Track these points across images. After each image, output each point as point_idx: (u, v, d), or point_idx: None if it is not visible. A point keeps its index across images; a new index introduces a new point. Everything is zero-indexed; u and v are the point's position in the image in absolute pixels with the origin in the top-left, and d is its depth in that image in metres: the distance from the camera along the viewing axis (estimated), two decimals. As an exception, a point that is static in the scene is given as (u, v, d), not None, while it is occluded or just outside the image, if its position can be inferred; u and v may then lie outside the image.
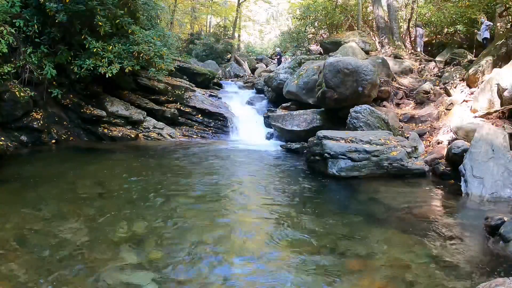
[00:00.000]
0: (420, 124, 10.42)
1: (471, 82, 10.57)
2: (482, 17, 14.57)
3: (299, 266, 3.82)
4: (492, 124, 8.09)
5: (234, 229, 4.83)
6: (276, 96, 14.36)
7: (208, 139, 12.36)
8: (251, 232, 4.73)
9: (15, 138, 9.41)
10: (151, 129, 11.91)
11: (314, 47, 23.33)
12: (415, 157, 7.87)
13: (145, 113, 12.16)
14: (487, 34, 14.02)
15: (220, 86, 17.85)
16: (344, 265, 3.85)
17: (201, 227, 4.79)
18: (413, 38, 17.87)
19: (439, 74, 13.36)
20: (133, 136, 11.23)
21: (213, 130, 12.89)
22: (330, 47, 18.47)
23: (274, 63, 26.41)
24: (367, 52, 16.63)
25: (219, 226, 4.84)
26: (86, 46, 10.12)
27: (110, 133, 11.10)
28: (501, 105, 8.49)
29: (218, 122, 13.12)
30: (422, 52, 16.84)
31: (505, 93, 8.21)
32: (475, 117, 8.82)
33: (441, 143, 8.84)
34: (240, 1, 30.56)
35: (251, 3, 35.61)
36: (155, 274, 3.58)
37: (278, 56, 24.75)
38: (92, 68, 10.06)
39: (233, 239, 4.51)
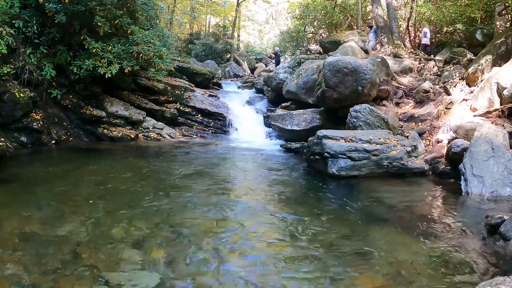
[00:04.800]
0: (419, 123, 10.42)
1: (470, 81, 10.57)
2: (424, 25, 16.74)
3: (298, 265, 3.83)
4: (492, 123, 8.09)
5: (234, 228, 4.83)
6: (275, 96, 14.36)
7: (208, 139, 12.37)
8: (251, 231, 4.72)
9: (15, 139, 9.41)
10: (150, 129, 11.92)
11: (313, 47, 23.31)
12: (415, 156, 7.88)
13: (145, 113, 12.18)
14: (425, 41, 16.10)
15: (219, 86, 17.85)
16: (344, 263, 3.85)
17: (201, 226, 4.79)
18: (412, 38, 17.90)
19: (439, 73, 13.35)
20: (132, 136, 11.23)
21: (212, 130, 12.91)
22: (330, 46, 18.46)
23: (273, 63, 26.39)
24: (366, 52, 16.62)
25: (219, 226, 4.84)
26: (86, 47, 10.13)
27: (110, 134, 11.11)
28: (501, 104, 8.49)
29: (218, 122, 13.14)
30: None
31: (505, 92, 8.21)
32: (475, 116, 8.82)
33: (441, 142, 8.84)
34: (240, 1, 30.53)
35: (250, 3, 35.59)
36: (156, 274, 3.58)
37: (276, 56, 24.66)
38: (91, 69, 10.06)
39: (233, 238, 4.51)
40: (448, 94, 11.02)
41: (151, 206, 5.49)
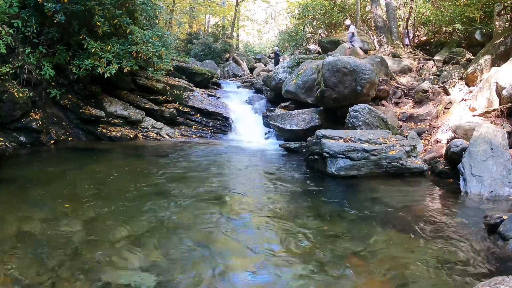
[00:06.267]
0: (419, 123, 10.43)
1: (469, 81, 10.58)
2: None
3: (297, 265, 3.83)
4: (491, 122, 8.10)
5: (233, 228, 4.83)
6: (275, 96, 14.36)
7: (207, 138, 12.37)
8: (250, 232, 4.73)
9: (14, 139, 9.40)
10: (149, 129, 11.91)
11: (312, 47, 23.33)
12: (414, 156, 7.88)
13: (144, 113, 12.17)
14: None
15: (218, 85, 17.84)
16: (343, 264, 3.86)
17: (200, 226, 4.79)
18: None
19: (438, 73, 13.36)
20: (132, 136, 11.22)
21: (212, 129, 12.91)
22: (329, 46, 18.49)
23: (272, 63, 26.38)
24: (365, 51, 16.62)
25: (218, 226, 4.85)
26: (85, 46, 10.12)
27: (109, 133, 11.10)
28: (500, 103, 8.49)
29: (217, 122, 13.14)
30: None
31: (504, 92, 8.22)
32: (474, 115, 8.83)
33: (440, 142, 8.86)
34: (239, 1, 30.52)
35: (249, 3, 35.56)
36: (155, 274, 3.58)
37: (276, 56, 24.61)
38: (90, 68, 10.05)
39: (233, 239, 4.51)
40: (447, 94, 11.03)
41: (151, 206, 5.48)
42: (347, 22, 16.56)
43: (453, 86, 11.14)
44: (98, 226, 4.72)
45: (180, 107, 13.02)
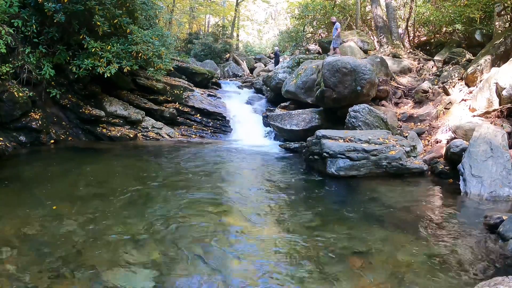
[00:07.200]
0: (418, 123, 10.43)
1: (469, 81, 10.58)
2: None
3: (297, 265, 3.83)
4: (491, 123, 8.10)
5: (233, 229, 4.83)
6: (275, 96, 14.36)
7: (207, 138, 12.37)
8: (249, 232, 4.73)
9: (14, 139, 9.38)
10: (149, 128, 11.91)
11: (312, 47, 23.31)
12: (414, 156, 7.88)
13: (144, 113, 12.17)
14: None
15: (218, 85, 17.84)
16: (343, 264, 3.86)
17: (200, 227, 4.79)
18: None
19: (438, 73, 13.36)
20: (131, 136, 11.22)
21: (211, 129, 12.91)
22: (329, 46, 18.42)
23: (272, 63, 26.37)
24: (365, 52, 16.63)
25: (217, 227, 4.85)
26: (85, 46, 10.12)
27: (109, 133, 11.10)
28: (500, 104, 8.50)
29: (217, 122, 13.14)
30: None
31: (504, 92, 8.22)
32: (474, 116, 8.83)
33: (440, 142, 8.86)
34: (239, 1, 30.52)
35: (249, 3, 35.58)
36: (155, 274, 3.58)
37: (276, 56, 24.60)
38: (90, 68, 10.05)
39: (232, 239, 4.51)
40: (447, 94, 11.03)
41: (151, 206, 5.49)
42: (333, 19, 15.87)
43: (453, 87, 11.15)
44: (99, 225, 4.72)
45: (180, 107, 13.02)
